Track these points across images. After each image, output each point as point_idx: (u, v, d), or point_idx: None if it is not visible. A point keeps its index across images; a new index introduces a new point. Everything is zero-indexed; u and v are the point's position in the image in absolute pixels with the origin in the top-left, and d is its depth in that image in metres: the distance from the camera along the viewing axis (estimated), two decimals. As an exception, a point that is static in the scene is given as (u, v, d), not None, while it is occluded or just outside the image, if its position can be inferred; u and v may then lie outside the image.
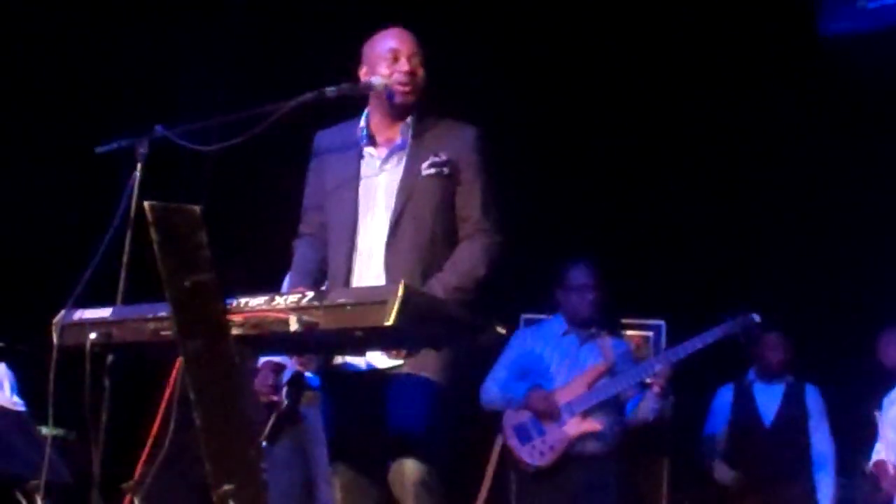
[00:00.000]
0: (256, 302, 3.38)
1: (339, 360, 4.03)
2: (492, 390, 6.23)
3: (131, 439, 3.61)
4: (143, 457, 3.48)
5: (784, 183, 7.80)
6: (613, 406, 6.09)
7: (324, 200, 4.19)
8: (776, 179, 7.82)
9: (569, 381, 6.07)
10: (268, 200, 7.34)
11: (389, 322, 3.14)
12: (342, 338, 3.41)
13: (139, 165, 3.81)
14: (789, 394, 7.08)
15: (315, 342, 3.66)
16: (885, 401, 6.59)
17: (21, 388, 4.99)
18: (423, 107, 4.13)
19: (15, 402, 4.89)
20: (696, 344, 6.04)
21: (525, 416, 6.11)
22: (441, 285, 3.91)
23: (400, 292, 3.17)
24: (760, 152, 7.86)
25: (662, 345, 7.19)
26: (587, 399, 6.02)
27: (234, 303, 3.38)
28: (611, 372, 6.09)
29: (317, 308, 3.27)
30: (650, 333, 7.32)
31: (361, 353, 3.95)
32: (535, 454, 6.04)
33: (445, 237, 4.04)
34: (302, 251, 4.30)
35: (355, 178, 4.10)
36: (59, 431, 5.13)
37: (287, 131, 4.15)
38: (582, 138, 8.04)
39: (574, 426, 6.00)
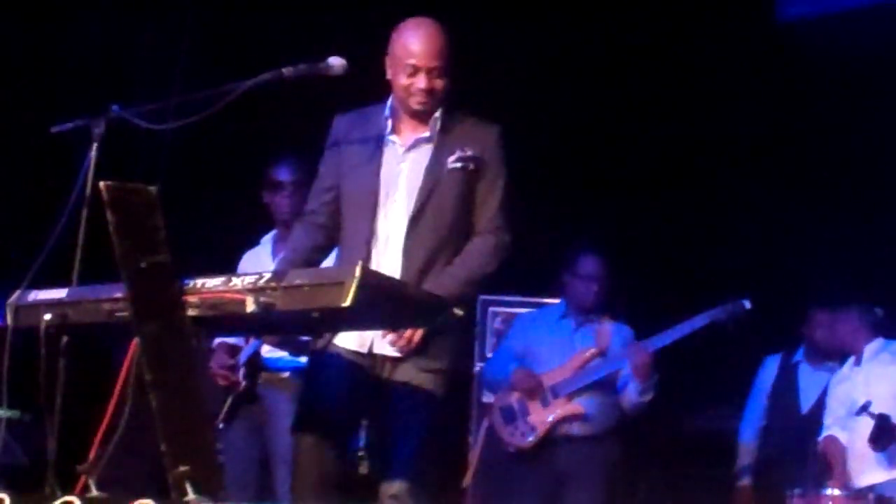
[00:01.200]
0: (213, 283, 3.37)
1: (340, 340, 4.04)
2: (487, 374, 6.26)
3: (87, 421, 3.58)
4: (98, 438, 3.46)
5: (747, 169, 7.81)
6: (602, 389, 6.06)
7: (339, 182, 4.19)
8: (738, 165, 7.83)
9: (559, 364, 6.08)
10: (226, 181, 7.32)
11: (346, 303, 3.14)
12: (299, 319, 3.41)
13: (95, 145, 3.78)
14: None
15: (272, 323, 3.65)
16: (833, 379, 6.59)
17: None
18: (451, 101, 4.15)
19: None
20: (681, 330, 6.03)
21: (513, 398, 6.12)
22: (452, 279, 3.98)
23: (357, 273, 3.17)
24: (722, 139, 7.87)
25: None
26: (573, 382, 6.02)
27: (191, 283, 3.37)
28: (603, 356, 6.08)
29: (274, 289, 3.27)
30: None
31: (320, 334, 3.96)
32: (516, 434, 6.06)
33: (462, 230, 4.10)
34: (296, 237, 4.31)
35: (377, 163, 4.12)
36: (13, 413, 5.09)
37: (245, 112, 4.13)
38: (539, 122, 8.03)
39: (557, 408, 6.01)
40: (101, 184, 3.28)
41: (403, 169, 4.11)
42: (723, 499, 7.17)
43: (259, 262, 5.35)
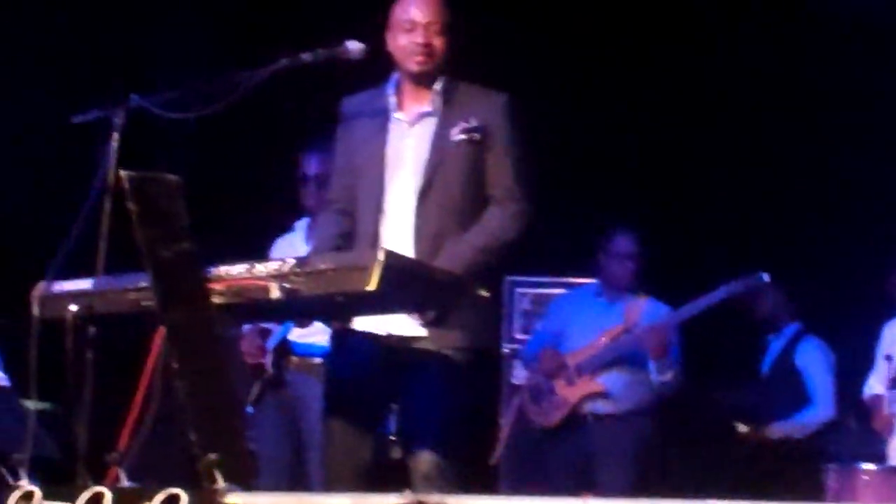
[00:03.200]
0: (237, 270, 3.38)
1: (357, 324, 4.01)
2: (523, 355, 6.31)
3: (116, 411, 3.59)
4: (128, 429, 3.47)
5: (771, 138, 7.75)
6: (631, 367, 6.03)
7: (351, 165, 4.18)
8: (763, 136, 7.77)
9: (587, 342, 6.08)
10: (249, 167, 7.32)
11: (370, 287, 3.15)
12: (324, 304, 3.41)
13: (115, 135, 3.78)
14: (786, 345, 7.10)
15: (297, 309, 3.65)
16: (886, 330, 6.53)
17: (4, 362, 4.98)
18: (452, 72, 4.13)
19: (-2, 378, 4.87)
20: (699, 306, 6.02)
21: (540, 378, 6.14)
22: (468, 246, 3.94)
23: (380, 257, 3.17)
24: (742, 108, 7.81)
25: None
26: (596, 359, 6.01)
27: (215, 271, 3.37)
28: (629, 333, 6.05)
29: (297, 275, 3.27)
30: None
31: (345, 319, 3.95)
32: (542, 413, 6.07)
33: (474, 203, 4.04)
34: (321, 224, 4.33)
35: (383, 141, 4.10)
36: (43, 405, 5.10)
37: (266, 97, 4.12)
38: (579, 96, 7.98)
39: (581, 386, 6.00)
40: (122, 173, 3.28)
41: (409, 144, 4.08)
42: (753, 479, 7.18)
43: (293, 247, 5.34)
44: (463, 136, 4.03)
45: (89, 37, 7.10)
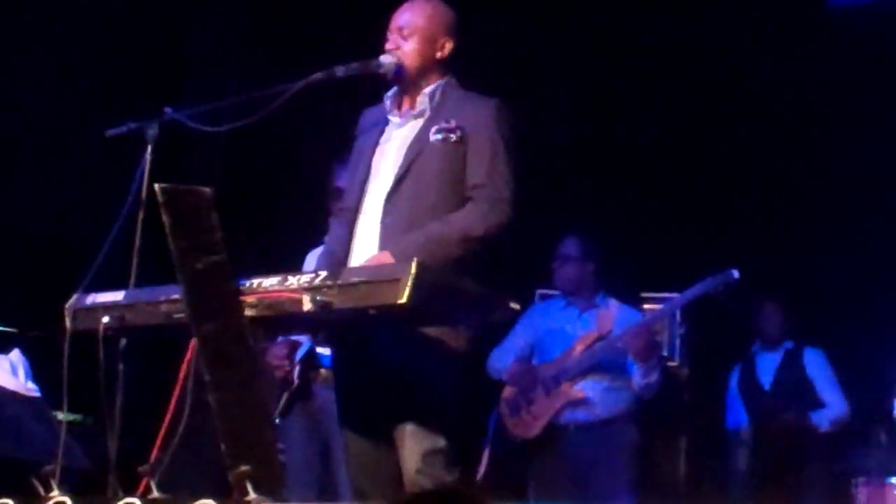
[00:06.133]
0: (270, 282, 3.38)
1: None
2: (490, 362, 6.20)
3: (147, 423, 3.60)
4: (159, 440, 3.48)
5: (791, 157, 7.73)
6: (610, 373, 5.97)
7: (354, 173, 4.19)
8: (782, 154, 7.75)
9: (561, 352, 6.04)
10: (281, 180, 7.34)
11: (402, 300, 3.15)
12: (356, 317, 3.40)
13: (149, 148, 3.80)
14: (787, 358, 7.18)
15: (329, 322, 3.65)
16: None
17: (35, 373, 5.00)
18: (447, 78, 4.09)
19: (29, 388, 4.87)
20: (674, 305, 6.09)
21: (517, 390, 6.08)
22: (420, 234, 3.82)
23: (413, 270, 3.17)
24: (765, 127, 7.79)
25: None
26: (573, 367, 5.96)
27: (247, 283, 3.38)
28: (604, 340, 5.98)
29: (330, 287, 3.28)
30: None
31: (378, 332, 3.93)
32: (520, 425, 6.00)
33: (450, 205, 3.94)
34: (332, 229, 4.30)
35: (375, 144, 4.09)
36: (74, 417, 5.12)
37: (299, 110, 4.13)
38: (592, 108, 7.99)
39: (559, 396, 5.94)
40: (156, 186, 3.30)
41: (392, 145, 4.06)
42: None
43: (321, 261, 5.37)
44: (440, 136, 3.97)
45: (123, 49, 7.14)
